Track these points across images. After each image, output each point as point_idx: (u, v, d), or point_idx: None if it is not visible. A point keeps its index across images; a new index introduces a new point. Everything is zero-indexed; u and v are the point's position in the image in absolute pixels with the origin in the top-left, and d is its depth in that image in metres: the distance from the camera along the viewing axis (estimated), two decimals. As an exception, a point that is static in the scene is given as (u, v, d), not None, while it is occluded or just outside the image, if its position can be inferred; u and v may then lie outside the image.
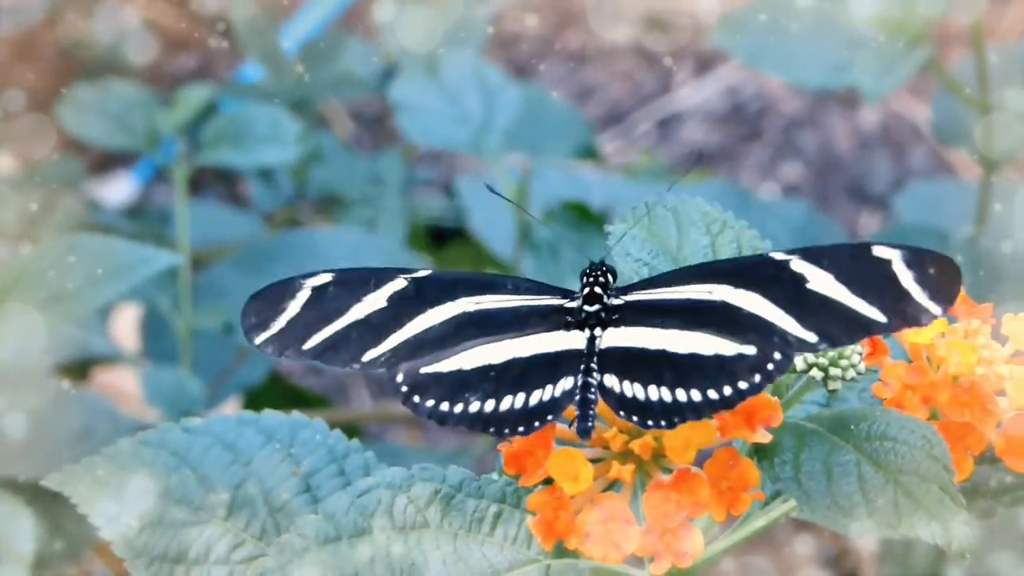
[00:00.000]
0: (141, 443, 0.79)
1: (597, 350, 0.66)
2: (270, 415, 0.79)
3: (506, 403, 0.65)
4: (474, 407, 0.65)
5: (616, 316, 0.67)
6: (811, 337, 0.63)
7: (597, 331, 0.67)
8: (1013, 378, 0.68)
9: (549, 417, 0.65)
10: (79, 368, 1.39)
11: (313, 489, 0.77)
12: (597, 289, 0.68)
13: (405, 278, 0.68)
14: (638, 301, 0.67)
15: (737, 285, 0.65)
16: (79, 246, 1.00)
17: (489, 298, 0.68)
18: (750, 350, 0.63)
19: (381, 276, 0.68)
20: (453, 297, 0.68)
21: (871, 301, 0.63)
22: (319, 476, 0.78)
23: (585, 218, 1.37)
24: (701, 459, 0.64)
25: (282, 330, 0.67)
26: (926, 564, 1.10)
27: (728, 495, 0.63)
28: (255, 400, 1.44)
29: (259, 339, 0.67)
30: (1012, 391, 0.67)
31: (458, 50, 1.39)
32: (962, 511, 0.61)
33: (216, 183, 1.83)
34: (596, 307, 0.68)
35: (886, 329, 0.63)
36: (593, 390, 0.65)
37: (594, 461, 0.65)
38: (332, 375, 1.74)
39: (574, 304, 0.68)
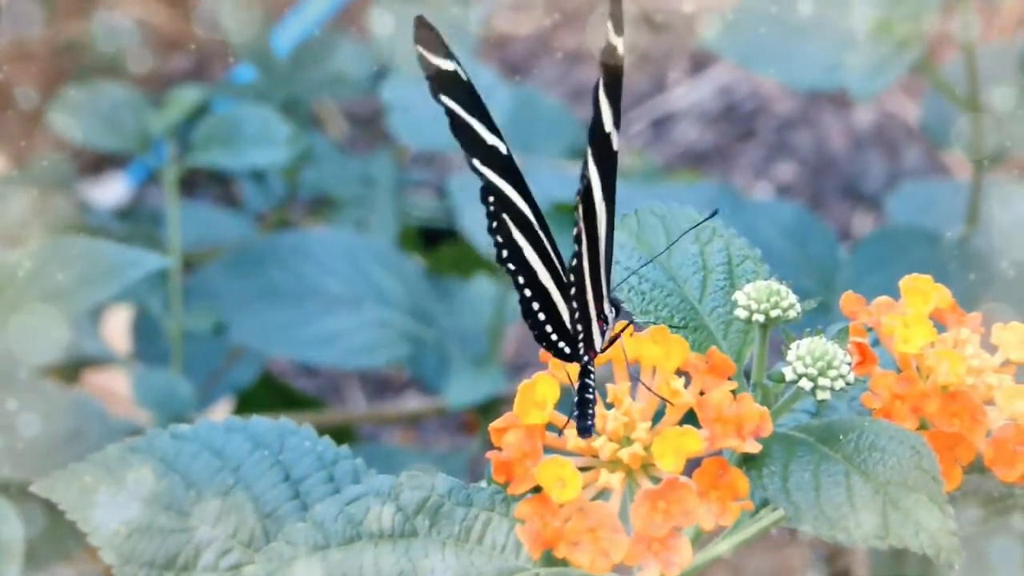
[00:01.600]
0: (129, 449, 0.79)
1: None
2: (258, 421, 0.79)
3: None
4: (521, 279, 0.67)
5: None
6: None
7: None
8: (1002, 387, 0.67)
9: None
10: (70, 370, 1.38)
11: (302, 496, 0.77)
12: None
13: (506, 148, 0.68)
14: None
15: None
16: (69, 248, 0.99)
17: (545, 235, 0.69)
18: None
19: (492, 124, 0.69)
20: (529, 203, 0.69)
21: None
22: (308, 482, 0.77)
23: (577, 219, 1.36)
24: (690, 468, 0.64)
25: (440, 68, 0.68)
26: (918, 563, 1.10)
27: (717, 505, 0.63)
28: (247, 401, 1.44)
29: (425, 54, 0.67)
30: (1001, 400, 0.67)
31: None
32: (950, 522, 0.61)
33: (210, 184, 1.83)
34: None
35: None
36: (591, 390, 0.65)
37: (582, 470, 0.65)
38: (326, 376, 1.74)
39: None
